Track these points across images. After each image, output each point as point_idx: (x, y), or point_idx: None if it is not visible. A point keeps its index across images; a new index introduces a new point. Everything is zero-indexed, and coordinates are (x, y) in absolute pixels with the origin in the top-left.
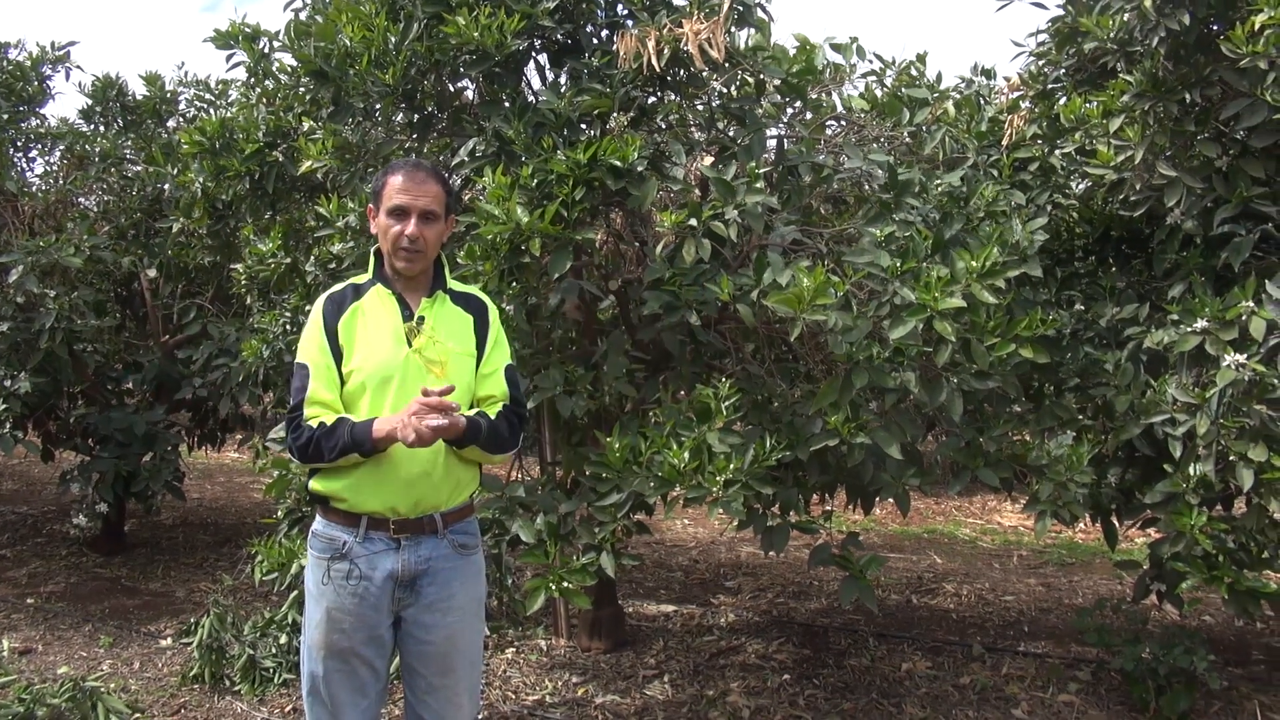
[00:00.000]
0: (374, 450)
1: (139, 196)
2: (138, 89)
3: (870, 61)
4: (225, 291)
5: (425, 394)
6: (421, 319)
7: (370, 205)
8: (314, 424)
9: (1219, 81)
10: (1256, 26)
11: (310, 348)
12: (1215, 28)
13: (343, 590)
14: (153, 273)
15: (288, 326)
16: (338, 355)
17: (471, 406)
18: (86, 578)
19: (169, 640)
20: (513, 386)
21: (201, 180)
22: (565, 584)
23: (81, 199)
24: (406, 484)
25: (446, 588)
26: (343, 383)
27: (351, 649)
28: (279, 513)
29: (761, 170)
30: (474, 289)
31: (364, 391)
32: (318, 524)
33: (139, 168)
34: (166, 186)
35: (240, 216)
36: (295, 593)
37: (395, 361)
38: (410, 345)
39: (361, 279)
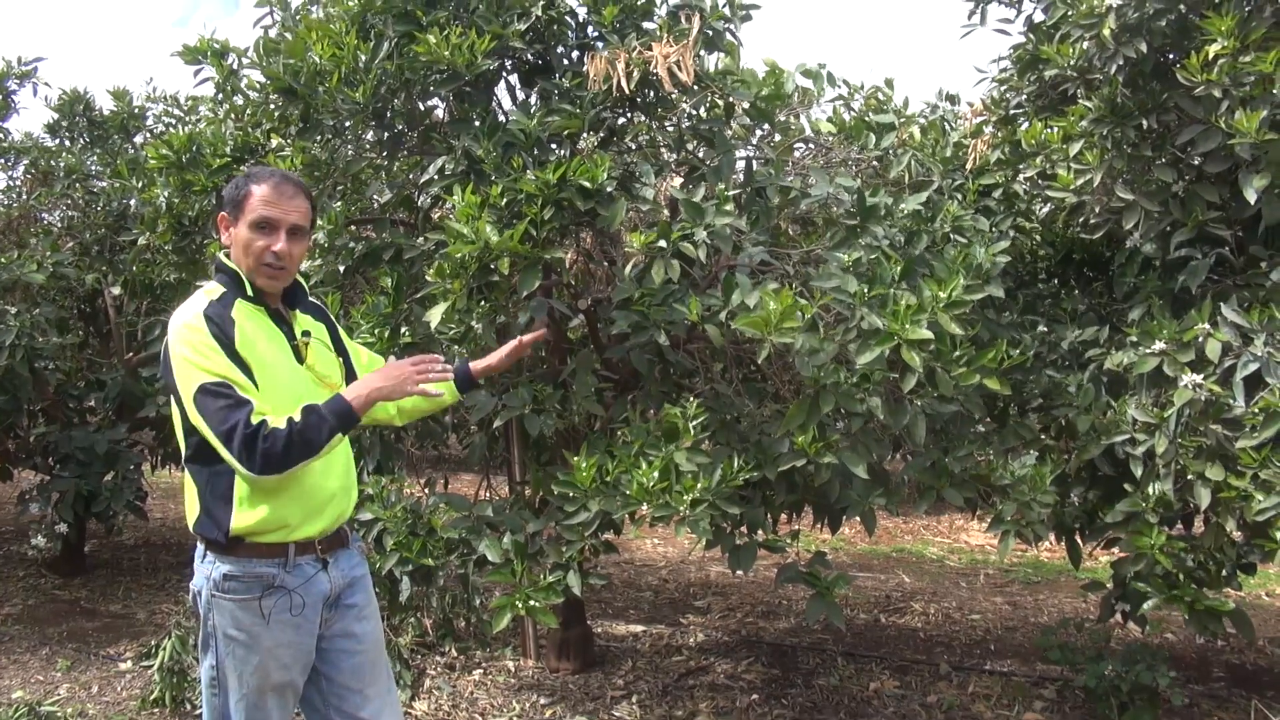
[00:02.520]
0: (358, 421)
1: (104, 212)
2: (106, 104)
3: (838, 86)
4: None
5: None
6: (307, 333)
7: (224, 214)
8: (281, 424)
9: (1175, 108)
10: (1210, 56)
11: (218, 366)
12: (1171, 57)
13: (282, 625)
14: (117, 290)
15: None
16: (248, 373)
17: None
18: (44, 599)
19: (129, 663)
20: None
21: (167, 195)
22: (532, 602)
23: (45, 214)
24: (329, 500)
25: (366, 592)
26: None
27: (291, 681)
28: None
29: (730, 192)
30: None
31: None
32: (230, 566)
33: (104, 183)
34: (132, 202)
35: (206, 233)
36: None
37: (299, 381)
38: (302, 362)
39: (215, 293)
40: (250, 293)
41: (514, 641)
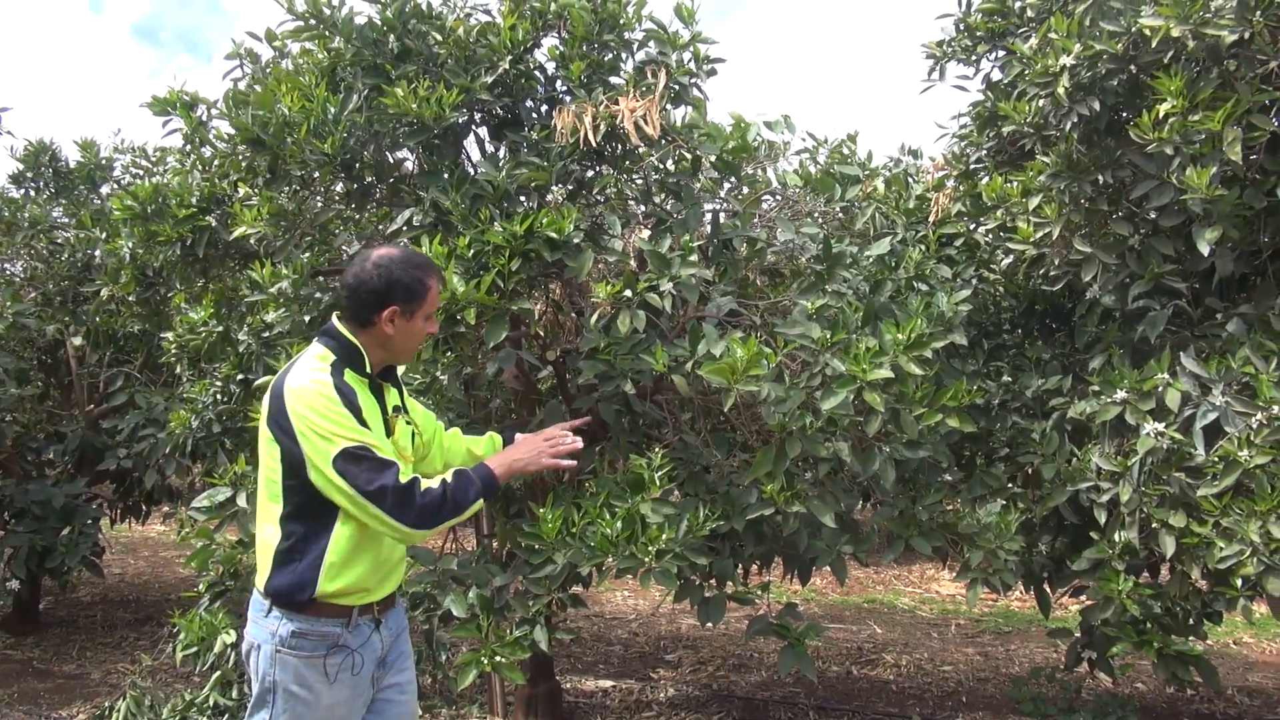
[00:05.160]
0: (499, 489)
1: (68, 263)
2: (72, 155)
3: (803, 139)
4: (155, 360)
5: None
6: (398, 409)
7: (395, 306)
8: (434, 483)
9: (1129, 164)
10: (1161, 115)
11: (354, 431)
12: (1124, 114)
13: (342, 684)
14: (79, 341)
15: (218, 396)
16: None
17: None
18: None
19: None
20: None
21: (131, 246)
22: (499, 658)
23: (7, 265)
24: (396, 565)
25: (408, 643)
26: None
27: None
28: (200, 586)
29: (696, 243)
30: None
31: None
32: (299, 624)
33: (69, 234)
34: (97, 253)
35: (171, 284)
36: (218, 673)
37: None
38: (390, 435)
39: (328, 359)
40: (368, 369)
41: (480, 699)
